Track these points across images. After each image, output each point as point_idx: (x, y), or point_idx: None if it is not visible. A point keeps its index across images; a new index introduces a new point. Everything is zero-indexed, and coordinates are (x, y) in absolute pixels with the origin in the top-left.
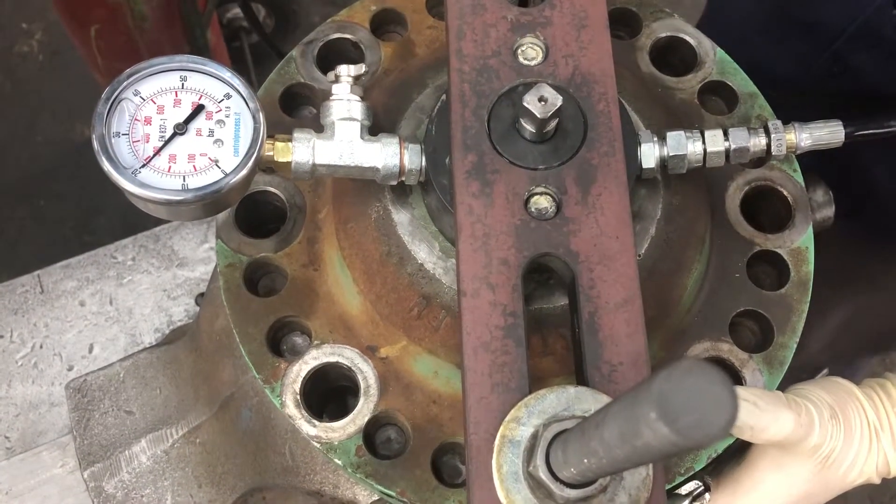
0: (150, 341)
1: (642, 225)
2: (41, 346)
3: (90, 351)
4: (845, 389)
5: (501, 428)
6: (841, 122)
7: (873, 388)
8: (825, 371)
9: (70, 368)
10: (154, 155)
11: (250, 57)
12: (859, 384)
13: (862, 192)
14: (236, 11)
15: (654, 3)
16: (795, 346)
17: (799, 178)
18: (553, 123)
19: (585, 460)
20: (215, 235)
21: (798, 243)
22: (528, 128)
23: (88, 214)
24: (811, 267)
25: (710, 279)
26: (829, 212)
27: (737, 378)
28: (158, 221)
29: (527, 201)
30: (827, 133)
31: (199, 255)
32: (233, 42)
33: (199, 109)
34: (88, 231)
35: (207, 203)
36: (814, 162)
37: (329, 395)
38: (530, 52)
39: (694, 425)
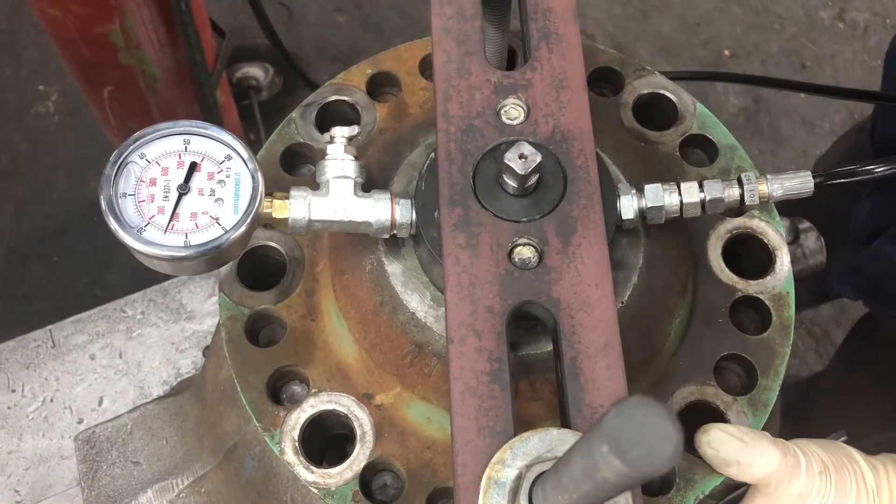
0: (159, 393)
1: (625, 273)
2: (52, 400)
3: (100, 404)
4: (845, 452)
5: (487, 470)
6: (810, 173)
7: (879, 458)
8: (841, 433)
9: (80, 421)
10: (169, 220)
11: (259, 114)
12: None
13: None
14: (246, 70)
15: (636, 62)
16: (779, 388)
17: (779, 225)
18: (534, 179)
19: (560, 497)
20: (218, 289)
21: (779, 289)
22: (511, 183)
23: (101, 269)
24: (792, 311)
25: (694, 324)
26: (821, 257)
27: (722, 421)
28: (167, 276)
29: (511, 252)
30: (797, 183)
31: (206, 308)
32: (242, 100)
33: (193, 166)
34: (101, 286)
35: (209, 258)
36: None
37: (329, 442)
38: (513, 112)
39: (642, 457)
